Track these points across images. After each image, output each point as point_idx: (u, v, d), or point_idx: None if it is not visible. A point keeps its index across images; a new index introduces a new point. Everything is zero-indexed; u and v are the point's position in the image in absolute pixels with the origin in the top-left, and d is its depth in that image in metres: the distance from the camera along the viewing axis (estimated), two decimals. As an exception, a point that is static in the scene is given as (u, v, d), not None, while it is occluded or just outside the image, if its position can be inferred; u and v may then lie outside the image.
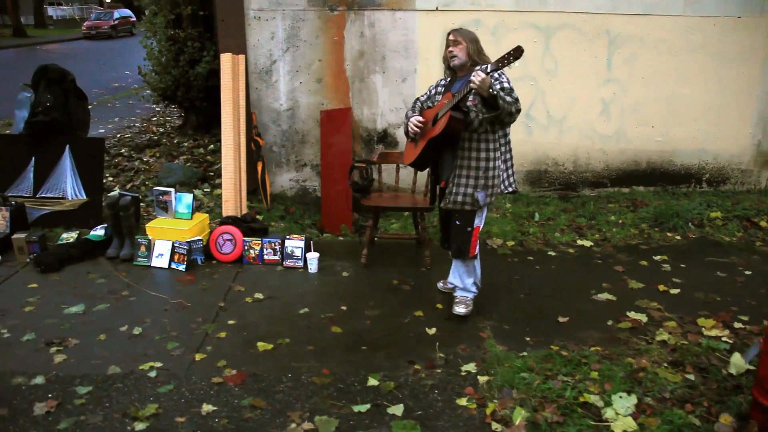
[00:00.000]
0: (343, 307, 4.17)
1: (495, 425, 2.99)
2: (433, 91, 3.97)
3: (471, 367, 3.50)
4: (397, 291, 4.43)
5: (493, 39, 6.16)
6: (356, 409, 3.10)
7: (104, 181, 6.09)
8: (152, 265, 4.73)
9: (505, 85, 3.55)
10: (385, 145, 6.39)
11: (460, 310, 4.02)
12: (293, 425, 2.97)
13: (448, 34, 3.76)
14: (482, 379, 3.38)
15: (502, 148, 3.76)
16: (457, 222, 3.86)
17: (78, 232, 5.20)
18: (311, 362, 3.52)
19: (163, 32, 8.31)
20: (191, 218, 4.92)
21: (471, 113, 3.58)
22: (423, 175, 4.90)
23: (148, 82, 8.64)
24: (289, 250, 4.73)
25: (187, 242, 4.65)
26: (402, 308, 4.24)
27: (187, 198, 4.89)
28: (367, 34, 6.08)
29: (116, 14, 35.26)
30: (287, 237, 4.79)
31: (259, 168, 6.05)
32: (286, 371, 3.43)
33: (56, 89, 5.50)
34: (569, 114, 6.43)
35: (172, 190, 4.93)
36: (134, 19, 36.59)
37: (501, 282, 4.60)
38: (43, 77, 5.51)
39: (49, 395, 3.18)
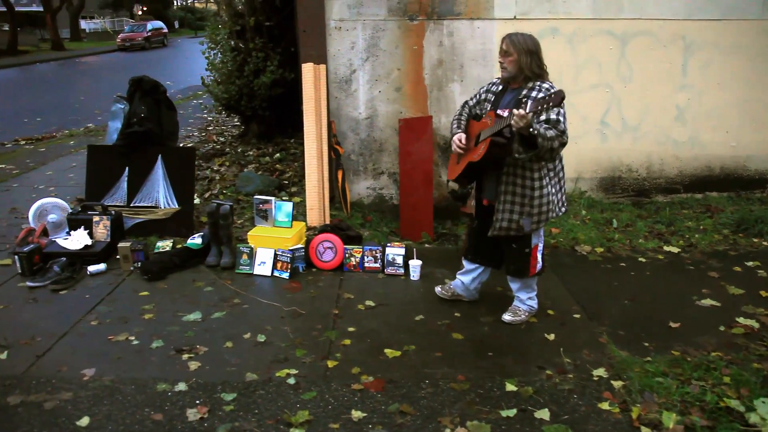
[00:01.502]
0: (457, 314, 4.19)
1: (644, 429, 2.99)
2: (482, 96, 3.78)
3: (601, 372, 3.51)
4: (504, 297, 4.45)
5: (570, 47, 6.18)
6: (504, 414, 3.12)
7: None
8: (255, 273, 4.77)
9: (552, 116, 3.35)
10: (461, 153, 6.38)
11: (506, 317, 4.07)
12: (447, 430, 2.97)
13: (502, 40, 3.53)
14: (616, 383, 3.39)
15: (551, 173, 3.64)
16: (513, 245, 3.79)
17: (172, 240, 5.25)
18: (444, 368, 3.53)
19: (227, 44, 8.39)
20: (291, 226, 4.94)
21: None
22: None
23: (212, 92, 8.72)
24: (390, 258, 4.77)
25: (290, 250, 4.68)
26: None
27: (287, 206, 4.94)
28: (445, 43, 6.13)
29: (149, 26, 35.90)
30: (388, 245, 4.83)
31: (339, 176, 6.10)
32: (422, 378, 3.44)
33: (149, 100, 5.58)
34: (644, 120, 6.44)
35: (273, 198, 4.99)
36: (166, 30, 37.22)
37: (602, 288, 4.61)
38: (138, 89, 5.59)
39: (197, 401, 3.21)
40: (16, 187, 7.43)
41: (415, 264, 4.69)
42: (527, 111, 3.14)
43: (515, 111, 3.18)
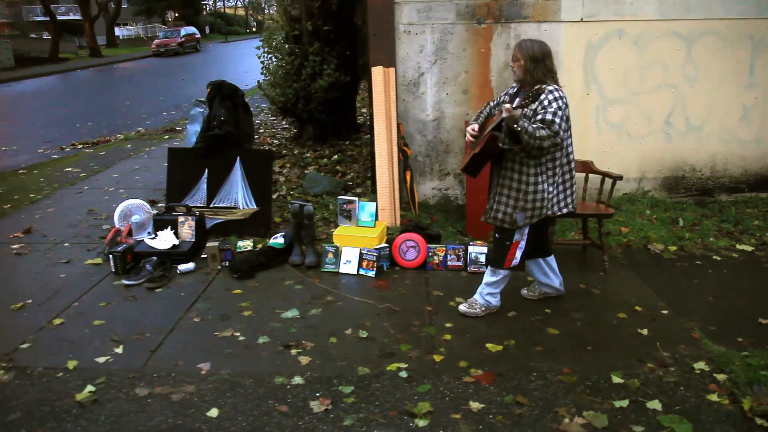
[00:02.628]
0: (547, 310, 4.28)
1: (759, 420, 3.05)
2: (501, 98, 3.96)
3: (702, 365, 3.58)
4: (589, 295, 4.53)
5: (636, 48, 6.24)
6: (617, 404, 3.20)
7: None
8: (340, 271, 4.88)
9: (547, 116, 3.53)
10: (526, 153, 6.46)
11: (461, 307, 4.25)
12: (566, 420, 3.08)
13: (514, 46, 3.76)
14: (720, 376, 3.46)
15: (549, 172, 3.74)
16: (497, 235, 3.93)
17: (252, 240, 5.39)
18: (548, 362, 3.62)
19: (283, 48, 8.54)
20: (374, 226, 5.06)
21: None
22: (608, 183, 4.98)
23: (267, 96, 8.88)
24: (473, 256, 4.87)
25: (376, 249, 4.79)
26: (602, 311, 4.38)
27: (371, 207, 5.06)
28: (512, 45, 6.19)
29: (183, 32, 36.54)
30: (470, 243, 4.92)
31: (408, 177, 6.21)
32: (529, 370, 3.54)
33: (228, 104, 5.73)
34: (708, 120, 6.48)
35: (356, 198, 5.10)
36: (199, 36, 37.79)
37: (682, 286, 4.69)
38: (218, 93, 5.74)
39: (317, 394, 3.32)
40: (87, 190, 7.63)
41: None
42: (513, 106, 3.42)
43: (503, 106, 3.48)
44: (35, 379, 3.54)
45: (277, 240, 5.10)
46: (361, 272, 4.83)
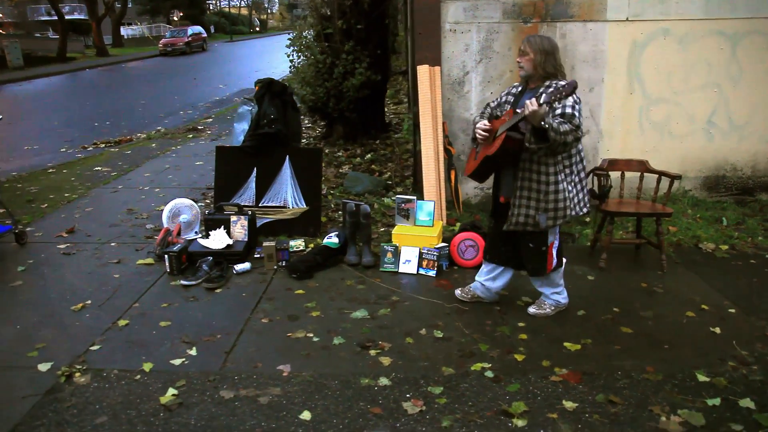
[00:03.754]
0: (615, 309, 4.26)
1: None
2: (503, 99, 3.86)
3: (784, 363, 3.53)
4: (653, 293, 4.53)
5: (680, 47, 6.22)
6: (710, 402, 3.18)
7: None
8: (400, 271, 4.85)
9: (567, 110, 3.46)
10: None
11: (531, 309, 4.19)
12: (663, 419, 3.06)
13: (522, 41, 3.68)
14: (808, 375, 3.40)
15: (567, 170, 3.69)
16: (530, 245, 3.84)
17: (303, 239, 5.36)
18: (629, 361, 3.61)
19: (315, 47, 8.51)
20: (432, 225, 5.03)
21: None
22: (665, 182, 4.96)
23: (297, 94, 8.84)
24: (532, 255, 4.81)
25: (437, 248, 4.76)
26: (670, 309, 4.36)
27: (428, 206, 5.03)
28: (558, 45, 6.16)
29: (189, 31, 36.51)
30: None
31: (453, 176, 6.18)
32: (613, 369, 3.52)
33: (278, 102, 5.70)
34: (751, 120, 6.47)
35: (414, 198, 5.06)
36: (205, 35, 37.83)
37: (744, 284, 4.71)
38: (268, 91, 5.70)
39: (407, 395, 3.29)
40: (122, 189, 7.60)
41: (558, 261, 4.73)
42: (541, 102, 3.31)
43: (528, 102, 3.41)
44: (113, 382, 3.49)
45: (332, 239, 5.07)
46: (421, 272, 4.80)
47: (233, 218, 5.22)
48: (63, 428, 3.09)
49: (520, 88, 3.79)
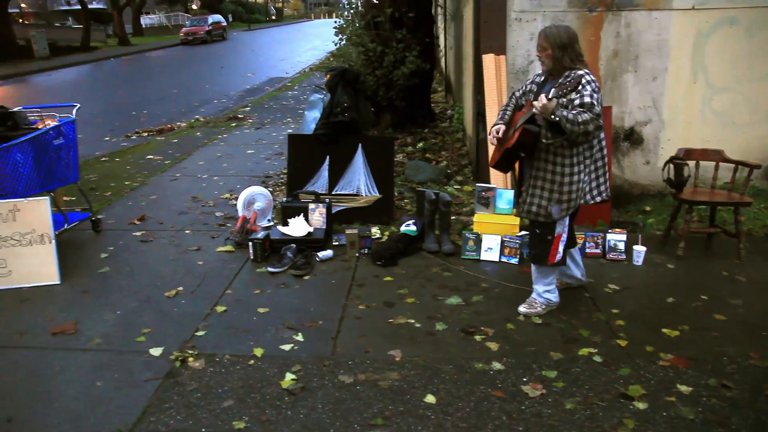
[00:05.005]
0: (704, 297, 4.32)
1: None
2: (528, 87, 3.88)
3: None
4: (735, 281, 4.60)
5: (746, 36, 6.22)
6: (823, 389, 3.22)
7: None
8: (482, 258, 4.91)
9: (585, 99, 3.43)
10: (630, 142, 6.50)
11: (521, 308, 4.12)
12: (781, 405, 3.10)
13: (539, 34, 3.64)
14: None
15: (587, 160, 3.66)
16: (537, 231, 3.83)
17: (378, 227, 5.44)
18: (730, 347, 3.69)
19: (365, 35, 8.56)
20: (512, 213, 5.10)
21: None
22: (742, 171, 4.99)
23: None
24: (612, 244, 4.91)
25: (519, 236, 4.84)
26: (758, 297, 4.41)
27: (508, 194, 5.09)
28: (622, 34, 6.23)
29: (210, 20, 36.58)
30: (608, 231, 4.96)
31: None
32: (718, 355, 3.60)
33: (350, 90, 5.77)
34: (818, 107, 6.44)
35: (494, 186, 5.13)
36: (225, 24, 37.93)
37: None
38: (342, 79, 5.77)
39: (524, 379, 3.40)
40: (180, 177, 7.71)
41: (640, 249, 4.83)
42: (549, 97, 3.33)
43: (535, 102, 3.45)
44: (228, 367, 3.59)
45: (410, 227, 5.15)
46: (503, 259, 4.88)
47: (311, 206, 5.31)
48: (192, 411, 3.19)
49: (543, 78, 3.79)
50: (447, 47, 10.88)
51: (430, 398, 3.21)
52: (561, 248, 3.82)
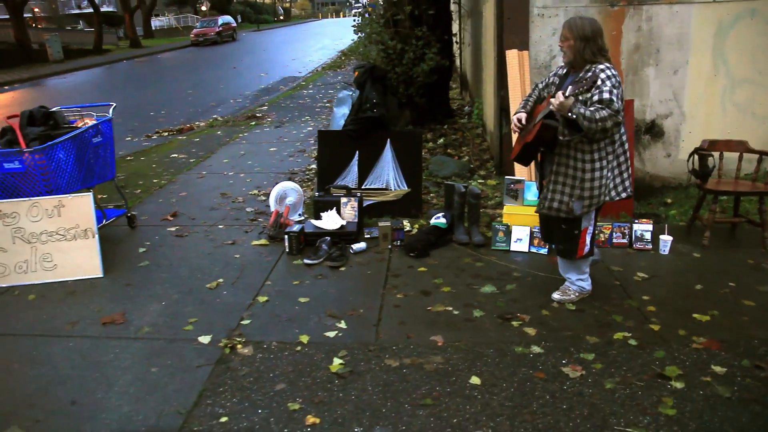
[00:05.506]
0: (731, 284, 4.45)
1: None
2: (551, 80, 3.87)
3: None
4: (761, 270, 4.72)
5: (767, 28, 6.30)
6: None
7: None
8: (511, 249, 5.06)
9: (605, 95, 3.40)
10: (651, 135, 6.62)
11: (555, 295, 4.20)
12: (816, 384, 3.23)
13: (563, 25, 3.65)
14: None
15: (609, 156, 3.65)
16: (563, 226, 3.84)
17: (407, 220, 5.59)
18: (762, 330, 3.81)
19: (385, 33, 8.70)
20: (540, 206, 5.24)
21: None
22: (766, 161, 5.09)
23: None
24: (638, 234, 5.04)
25: (548, 227, 4.96)
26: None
27: (536, 186, 5.21)
28: (644, 27, 6.35)
29: (220, 21, 36.92)
30: (635, 221, 5.10)
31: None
32: (748, 338, 3.73)
33: (379, 87, 5.92)
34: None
35: (524, 178, 5.26)
36: (235, 25, 38.24)
37: None
38: (370, 76, 5.92)
39: (563, 361, 3.55)
40: (207, 175, 7.87)
41: (666, 239, 4.96)
42: (566, 95, 3.36)
43: (552, 98, 3.50)
44: (276, 353, 3.74)
45: (440, 220, 5.30)
46: (533, 250, 5.01)
47: (343, 200, 5.46)
48: (246, 393, 3.34)
49: (565, 70, 3.80)
50: (462, 44, 10.98)
51: (475, 379, 3.34)
52: (588, 240, 3.92)
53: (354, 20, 9.49)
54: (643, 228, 5.01)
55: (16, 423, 3.16)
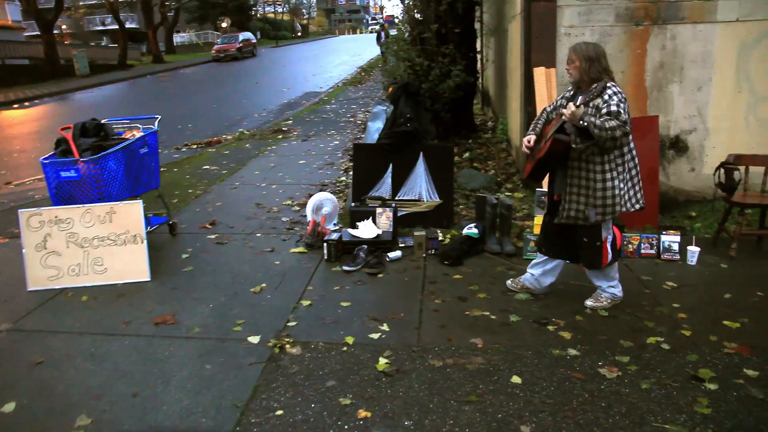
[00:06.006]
0: (760, 293, 4.61)
1: None
2: (558, 102, 4.11)
3: None
4: (789, 281, 4.81)
5: (789, 49, 6.48)
6: None
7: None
8: (542, 258, 5.22)
9: (612, 108, 3.63)
10: (676, 150, 6.81)
11: (588, 302, 4.41)
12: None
13: (569, 49, 3.94)
14: None
15: (620, 168, 3.84)
16: (585, 239, 4.07)
17: (439, 231, 5.80)
18: (791, 337, 3.93)
19: (412, 51, 8.96)
20: (570, 216, 5.44)
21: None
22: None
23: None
24: (666, 245, 5.22)
25: (578, 237, 5.16)
26: (811, 293, 4.52)
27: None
28: (668, 46, 6.56)
29: (240, 37, 37.54)
30: (663, 233, 5.28)
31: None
32: (779, 344, 3.85)
33: (412, 102, 6.16)
34: None
35: (554, 190, 5.46)
36: (255, 41, 38.88)
37: None
38: (404, 92, 6.16)
39: (599, 363, 3.72)
40: (239, 186, 8.13)
41: (694, 250, 5.13)
42: (578, 104, 3.60)
43: (563, 110, 3.76)
44: (323, 352, 3.93)
45: (472, 230, 5.50)
46: (565, 260, 5.17)
47: (378, 210, 5.68)
48: (298, 389, 3.54)
49: (572, 92, 4.04)
50: (487, 61, 11.23)
51: (516, 379, 3.53)
52: (610, 249, 4.12)
53: (375, 36, 9.71)
54: (671, 239, 5.18)
55: (84, 412, 3.35)
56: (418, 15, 9.20)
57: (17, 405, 3.43)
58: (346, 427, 3.16)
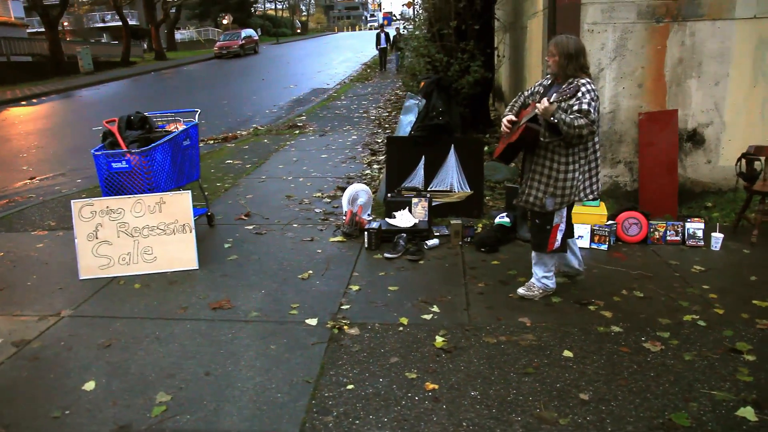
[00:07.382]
0: (782, 276, 4.86)
1: None
2: (535, 89, 4.18)
3: None
4: (812, 263, 5.09)
5: (803, 47, 6.74)
6: None
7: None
8: (572, 245, 5.50)
9: (584, 106, 3.75)
10: (693, 143, 7.09)
11: (520, 290, 4.56)
12: None
13: (550, 42, 3.99)
14: None
15: (582, 160, 3.99)
16: (536, 221, 4.20)
17: (470, 220, 6.07)
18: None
19: (431, 47, 9.22)
20: (599, 205, 5.73)
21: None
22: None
23: (413, 90, 9.54)
24: (691, 231, 5.51)
25: (607, 225, 5.46)
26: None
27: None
28: (687, 42, 6.83)
29: (243, 34, 37.72)
30: (688, 220, 5.57)
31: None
32: (809, 323, 4.13)
33: (444, 96, 6.42)
34: None
35: (584, 180, 5.74)
36: (257, 38, 39.05)
37: None
38: (437, 86, 6.43)
39: (642, 338, 4.00)
40: (266, 179, 8.37)
41: (718, 236, 5.42)
42: (551, 101, 3.72)
43: (538, 103, 3.92)
44: (381, 332, 4.18)
45: (504, 219, 5.77)
46: (593, 246, 5.47)
47: (414, 200, 5.95)
48: (364, 366, 3.79)
49: (549, 81, 4.12)
50: (502, 57, 11.50)
51: (567, 353, 3.81)
52: (559, 237, 4.22)
53: (405, 29, 9.96)
54: (695, 226, 5.47)
55: (162, 390, 3.59)
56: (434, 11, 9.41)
57: (96, 384, 3.65)
58: (416, 398, 3.39)
